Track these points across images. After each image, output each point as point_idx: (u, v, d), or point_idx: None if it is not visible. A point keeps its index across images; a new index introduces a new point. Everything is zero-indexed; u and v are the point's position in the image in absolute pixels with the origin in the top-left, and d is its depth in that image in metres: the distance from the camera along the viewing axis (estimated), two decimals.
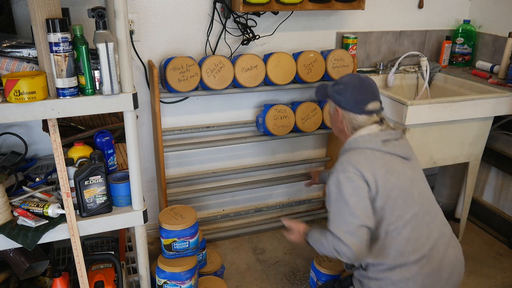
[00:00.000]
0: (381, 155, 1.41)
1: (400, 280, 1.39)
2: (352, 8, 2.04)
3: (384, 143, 1.43)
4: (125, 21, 1.24)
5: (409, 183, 1.42)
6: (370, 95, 1.48)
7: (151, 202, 2.26)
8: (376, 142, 1.42)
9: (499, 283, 2.07)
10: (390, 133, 1.47)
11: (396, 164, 1.42)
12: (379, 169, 1.38)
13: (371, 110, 1.47)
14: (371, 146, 1.42)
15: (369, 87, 1.49)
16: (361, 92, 1.47)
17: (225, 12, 1.98)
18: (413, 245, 1.39)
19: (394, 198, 1.38)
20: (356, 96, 1.46)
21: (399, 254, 1.39)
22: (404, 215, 1.39)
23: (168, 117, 2.10)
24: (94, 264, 1.63)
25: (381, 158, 1.40)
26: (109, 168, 1.50)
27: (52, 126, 1.28)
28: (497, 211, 2.45)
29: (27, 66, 1.26)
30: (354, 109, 1.46)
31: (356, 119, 1.47)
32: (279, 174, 2.42)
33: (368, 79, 1.51)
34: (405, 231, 1.39)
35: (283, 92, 2.26)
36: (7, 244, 1.31)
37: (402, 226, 1.39)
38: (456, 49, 2.49)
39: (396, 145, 1.46)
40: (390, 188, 1.37)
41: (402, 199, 1.39)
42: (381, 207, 1.38)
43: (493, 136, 2.36)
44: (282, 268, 2.14)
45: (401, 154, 1.45)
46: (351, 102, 1.47)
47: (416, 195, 1.42)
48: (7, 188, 1.45)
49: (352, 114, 1.47)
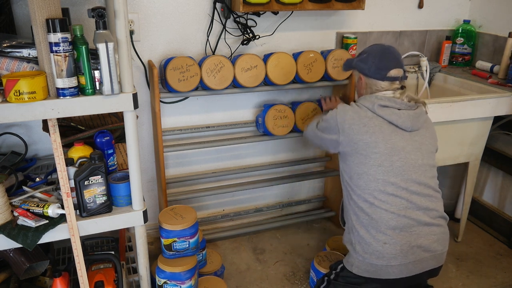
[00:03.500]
0: (372, 116, 1.50)
1: (378, 243, 1.46)
2: (352, 8, 2.04)
3: (381, 108, 1.50)
4: (125, 21, 1.24)
5: (390, 150, 1.47)
6: (392, 62, 1.56)
7: (151, 202, 2.26)
8: (373, 103, 1.51)
9: (499, 283, 2.07)
10: (395, 101, 1.52)
11: (383, 129, 1.48)
12: (359, 126, 1.48)
13: (393, 77, 1.55)
14: (368, 106, 1.52)
15: (392, 55, 1.57)
16: (383, 59, 1.55)
17: (225, 12, 1.98)
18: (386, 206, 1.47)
19: (366, 157, 1.47)
20: (377, 63, 1.55)
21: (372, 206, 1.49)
22: (377, 176, 1.46)
23: (168, 117, 2.10)
24: (94, 264, 1.63)
25: (367, 118, 1.50)
26: (109, 168, 1.50)
27: (52, 126, 1.28)
28: (497, 211, 2.45)
29: (27, 66, 1.26)
30: (376, 75, 1.55)
31: (377, 85, 1.57)
32: (279, 174, 2.42)
33: (391, 48, 1.60)
34: (377, 192, 1.47)
35: (283, 92, 2.26)
36: (7, 244, 1.31)
37: (375, 186, 1.46)
38: (456, 49, 2.49)
39: (394, 112, 1.50)
40: (362, 146, 1.47)
41: (378, 161, 1.46)
42: (350, 154, 1.52)
43: (493, 136, 2.36)
44: (282, 268, 2.14)
45: (396, 123, 1.50)
46: (373, 69, 1.56)
47: (398, 165, 1.46)
48: (7, 188, 1.45)
49: (374, 80, 1.57)
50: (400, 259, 1.44)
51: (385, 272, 1.46)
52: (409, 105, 1.53)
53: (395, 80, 1.55)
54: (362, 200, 1.49)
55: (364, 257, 1.48)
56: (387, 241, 1.44)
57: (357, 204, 1.51)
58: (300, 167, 2.46)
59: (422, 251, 1.46)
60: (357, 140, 1.49)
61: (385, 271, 1.46)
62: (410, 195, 1.46)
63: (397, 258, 1.44)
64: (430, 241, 1.47)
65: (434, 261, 1.50)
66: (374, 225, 1.46)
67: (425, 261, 1.48)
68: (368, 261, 1.48)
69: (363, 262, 1.49)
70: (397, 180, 1.46)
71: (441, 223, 1.52)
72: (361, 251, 1.49)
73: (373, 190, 1.46)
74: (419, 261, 1.47)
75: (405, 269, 1.46)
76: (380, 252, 1.45)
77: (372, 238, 1.47)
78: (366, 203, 1.48)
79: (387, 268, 1.46)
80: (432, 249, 1.48)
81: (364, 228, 1.49)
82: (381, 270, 1.47)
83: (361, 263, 1.50)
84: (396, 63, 1.56)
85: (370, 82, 1.58)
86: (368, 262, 1.48)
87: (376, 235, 1.46)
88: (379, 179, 1.46)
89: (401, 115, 1.50)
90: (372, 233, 1.47)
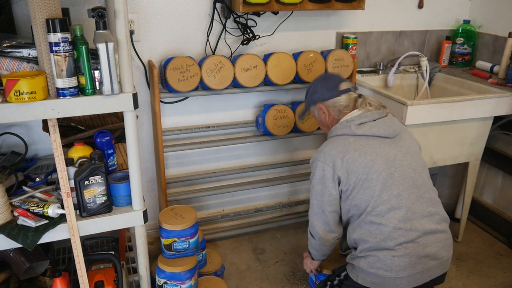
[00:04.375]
0: (354, 139, 1.48)
1: (386, 257, 1.42)
2: (352, 8, 2.04)
3: (359, 126, 1.49)
4: (125, 21, 1.24)
5: (386, 163, 1.45)
6: (336, 78, 1.63)
7: (151, 202, 2.26)
8: (349, 127, 1.50)
9: (499, 283, 2.07)
10: (366, 115, 1.52)
11: (371, 145, 1.46)
12: (351, 154, 1.45)
13: (346, 89, 1.58)
14: (345, 131, 1.50)
15: (332, 75, 1.69)
16: (327, 80, 1.64)
17: (225, 12, 1.98)
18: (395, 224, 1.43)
19: (369, 180, 1.43)
20: (325, 85, 1.60)
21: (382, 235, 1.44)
22: (382, 195, 1.43)
23: (168, 117, 2.10)
24: (94, 264, 1.63)
25: (353, 142, 1.47)
26: (109, 168, 1.50)
27: (52, 126, 1.28)
28: (497, 211, 2.45)
29: (27, 66, 1.26)
30: (331, 94, 1.58)
31: (338, 102, 1.57)
32: (279, 174, 2.42)
33: (329, 73, 1.72)
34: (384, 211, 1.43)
35: (283, 92, 2.26)
36: (7, 244, 1.31)
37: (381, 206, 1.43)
38: (456, 49, 2.49)
39: (372, 125, 1.50)
40: (363, 170, 1.43)
41: (380, 177, 1.43)
42: (353, 187, 1.45)
43: (493, 136, 2.36)
44: (282, 268, 2.14)
45: (378, 134, 1.49)
46: (325, 91, 1.59)
47: (397, 176, 1.45)
48: (7, 188, 1.44)
49: (332, 100, 1.58)
50: (408, 270, 1.41)
51: (393, 284, 1.43)
52: (380, 113, 1.53)
53: (349, 91, 1.58)
54: (369, 223, 1.44)
55: (371, 271, 1.44)
56: (396, 255, 1.41)
57: (366, 228, 1.45)
58: (300, 167, 2.46)
59: (430, 259, 1.44)
60: (355, 168, 1.43)
61: (393, 283, 1.43)
62: (412, 204, 1.44)
63: (406, 270, 1.41)
64: (436, 248, 1.44)
65: (440, 268, 1.48)
66: (383, 245, 1.42)
67: (432, 269, 1.45)
68: (375, 273, 1.43)
69: (370, 275, 1.45)
70: (400, 190, 1.43)
71: (444, 228, 1.49)
72: (366, 267, 1.45)
73: (381, 210, 1.42)
74: (427, 270, 1.44)
75: (413, 279, 1.43)
76: (388, 265, 1.41)
77: (379, 254, 1.43)
78: (374, 225, 1.43)
79: (395, 280, 1.42)
80: (439, 257, 1.45)
81: (373, 251, 1.44)
82: (389, 282, 1.43)
83: (367, 276, 1.46)
84: (340, 79, 1.63)
85: (330, 104, 1.58)
86: (375, 274, 1.43)
87: (384, 251, 1.42)
88: (383, 196, 1.42)
89: (380, 125, 1.49)
90: (380, 250, 1.43)
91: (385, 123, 1.51)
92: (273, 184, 2.34)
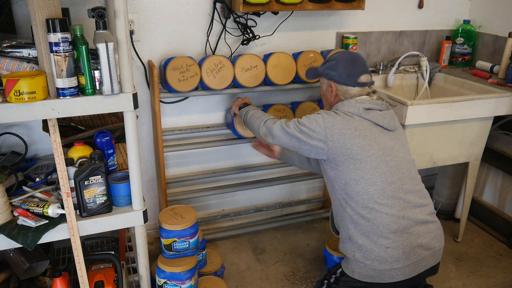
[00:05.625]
0: (359, 120, 1.48)
1: (380, 248, 1.44)
2: (352, 8, 2.04)
3: (366, 111, 1.49)
4: (125, 21, 1.24)
5: (383, 151, 1.46)
6: (361, 68, 1.56)
7: (151, 202, 2.26)
8: (358, 108, 1.49)
9: (499, 283, 2.07)
10: (376, 103, 1.52)
11: (373, 131, 1.47)
12: (351, 131, 1.44)
13: (364, 82, 1.55)
14: (351, 110, 1.49)
15: (360, 61, 1.58)
16: (352, 66, 1.55)
17: (225, 12, 1.98)
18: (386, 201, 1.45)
19: (361, 162, 1.44)
20: (348, 70, 1.54)
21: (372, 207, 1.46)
22: (375, 179, 1.44)
23: (168, 117, 2.10)
24: (94, 264, 1.63)
25: (357, 121, 1.47)
26: (109, 168, 1.50)
27: (52, 126, 1.28)
28: (497, 211, 2.45)
29: (27, 66, 1.26)
30: (348, 82, 1.54)
31: (349, 91, 1.55)
32: (279, 174, 2.42)
33: (357, 54, 1.60)
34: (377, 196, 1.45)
35: (283, 92, 2.26)
36: (7, 244, 1.31)
37: (375, 192, 1.44)
38: (456, 49, 2.49)
39: (378, 114, 1.51)
40: (357, 151, 1.44)
41: (373, 163, 1.44)
42: (343, 161, 1.45)
43: (493, 136, 2.36)
44: (282, 268, 2.14)
45: (381, 124, 1.50)
46: (344, 75, 1.55)
47: (392, 164, 1.47)
48: (7, 188, 1.45)
49: (346, 87, 1.55)
50: (403, 261, 1.44)
51: (389, 276, 1.45)
52: (386, 106, 1.56)
53: (365, 85, 1.56)
54: (361, 206, 1.46)
55: (366, 264, 1.46)
56: (390, 245, 1.43)
57: (356, 211, 1.47)
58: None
59: (423, 250, 1.46)
60: (350, 145, 1.44)
61: (389, 275, 1.45)
62: (406, 194, 1.47)
63: (400, 261, 1.44)
64: (428, 239, 1.48)
65: (433, 259, 1.51)
66: (375, 231, 1.44)
67: (425, 259, 1.48)
68: (370, 267, 1.46)
69: (365, 268, 1.47)
70: (394, 179, 1.46)
71: (434, 219, 1.53)
72: (362, 259, 1.47)
73: (373, 194, 1.44)
74: (421, 260, 1.47)
75: (408, 270, 1.46)
76: (382, 257, 1.44)
77: (373, 244, 1.45)
78: (366, 209, 1.45)
79: (390, 271, 1.44)
80: (431, 247, 1.48)
81: (364, 236, 1.46)
82: (385, 274, 1.45)
83: (362, 269, 1.48)
84: (365, 69, 1.57)
85: (341, 88, 1.56)
86: (370, 268, 1.46)
87: (377, 240, 1.44)
88: (377, 182, 1.44)
89: (385, 116, 1.52)
90: (374, 239, 1.45)
91: (390, 115, 1.54)
92: (273, 184, 2.34)
